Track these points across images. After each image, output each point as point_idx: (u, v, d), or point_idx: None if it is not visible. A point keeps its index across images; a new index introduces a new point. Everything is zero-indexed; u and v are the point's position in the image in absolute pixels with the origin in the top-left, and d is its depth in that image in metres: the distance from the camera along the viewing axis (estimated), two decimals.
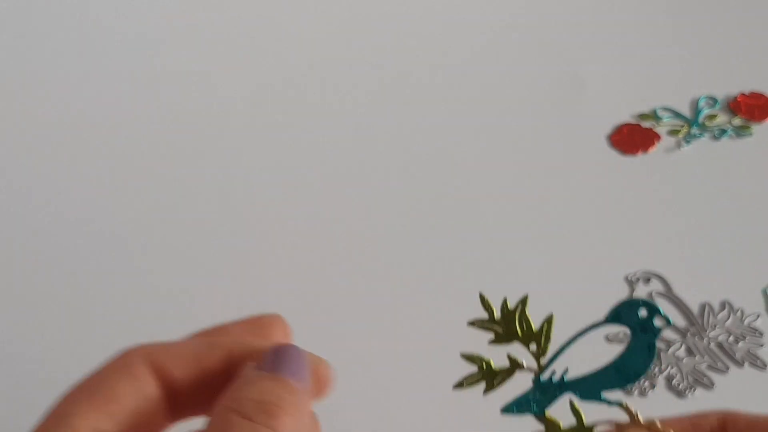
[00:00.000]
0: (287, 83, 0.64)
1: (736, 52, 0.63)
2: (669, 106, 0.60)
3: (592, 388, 0.34)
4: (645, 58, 0.63)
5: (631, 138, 0.59)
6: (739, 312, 0.50)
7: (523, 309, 0.35)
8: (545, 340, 0.34)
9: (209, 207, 0.58)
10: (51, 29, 0.70)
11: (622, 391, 0.34)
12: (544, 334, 0.34)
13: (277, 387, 0.27)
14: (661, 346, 0.49)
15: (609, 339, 0.50)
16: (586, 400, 0.34)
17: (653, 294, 0.51)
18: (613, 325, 0.36)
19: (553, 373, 0.34)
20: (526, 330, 0.35)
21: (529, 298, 0.35)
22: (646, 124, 0.59)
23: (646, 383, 0.48)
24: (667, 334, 0.50)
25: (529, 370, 0.34)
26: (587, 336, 0.37)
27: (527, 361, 0.34)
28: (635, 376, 0.34)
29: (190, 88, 0.65)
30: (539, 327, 0.35)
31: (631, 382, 0.34)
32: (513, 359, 0.34)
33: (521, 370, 0.33)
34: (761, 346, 0.49)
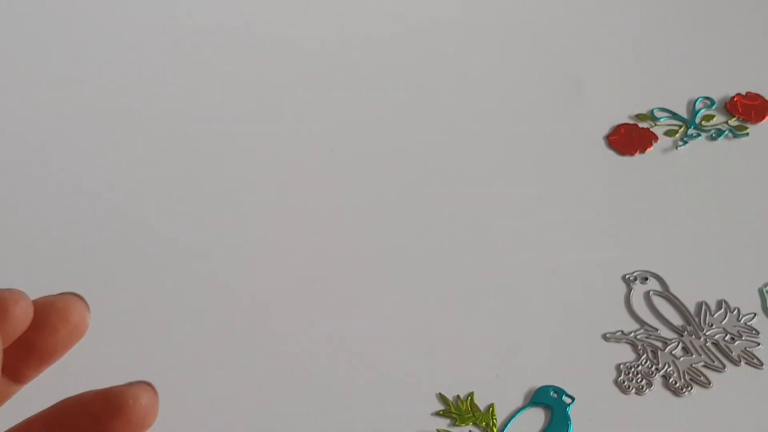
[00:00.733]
0: (288, 82, 0.65)
1: (732, 53, 0.63)
2: (666, 106, 0.60)
3: None
4: (642, 59, 0.64)
5: (629, 138, 0.59)
6: (735, 311, 0.51)
7: (472, 400, 0.48)
8: (492, 421, 0.48)
9: (208, 207, 0.58)
10: (50, 28, 0.70)
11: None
12: (491, 416, 0.48)
13: None
14: (658, 344, 0.49)
15: (606, 338, 0.50)
16: None
17: (651, 293, 0.51)
18: (536, 407, 0.48)
19: None
20: (476, 415, 0.48)
21: (474, 393, 0.48)
22: (644, 125, 0.60)
23: (643, 382, 0.48)
24: (664, 332, 0.50)
25: None
26: (586, 337, 0.47)
27: None
28: None
29: (189, 87, 0.65)
30: (486, 410, 0.48)
31: None
32: None
33: None
34: (758, 344, 0.49)
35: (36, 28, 0.70)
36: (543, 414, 0.48)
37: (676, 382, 0.48)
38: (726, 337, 0.49)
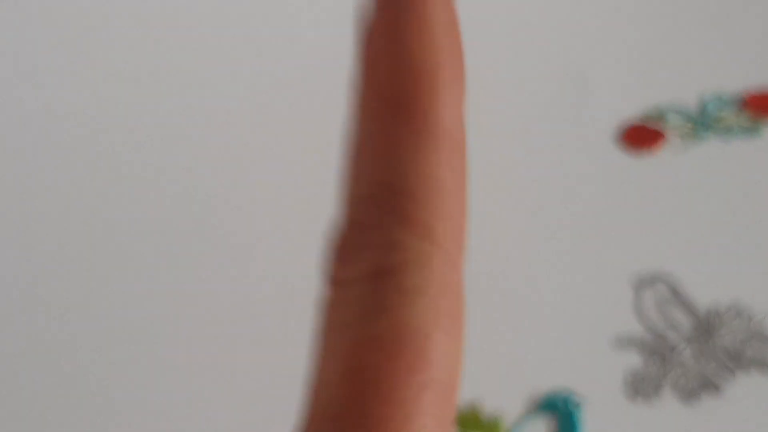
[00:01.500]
0: (289, 81, 0.64)
1: (745, 50, 0.63)
2: (676, 105, 0.60)
3: None
4: (652, 56, 0.63)
5: (638, 138, 0.58)
6: (746, 315, 0.50)
7: (476, 408, 0.47)
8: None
9: (207, 207, 0.58)
10: (49, 28, 0.70)
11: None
12: (495, 427, 0.46)
13: None
14: (668, 350, 0.49)
15: (614, 343, 0.50)
16: None
17: (660, 297, 0.51)
18: (543, 414, 0.47)
19: None
20: (480, 427, 0.47)
21: (479, 400, 0.47)
22: (653, 124, 0.59)
23: (652, 388, 0.48)
24: (674, 337, 0.49)
25: None
26: (593, 342, 0.48)
27: None
28: None
29: (187, 86, 0.65)
30: (491, 419, 0.47)
31: None
32: None
33: None
34: None
35: (32, 27, 0.70)
36: (550, 421, 0.48)
37: (685, 388, 0.48)
38: (737, 343, 0.49)
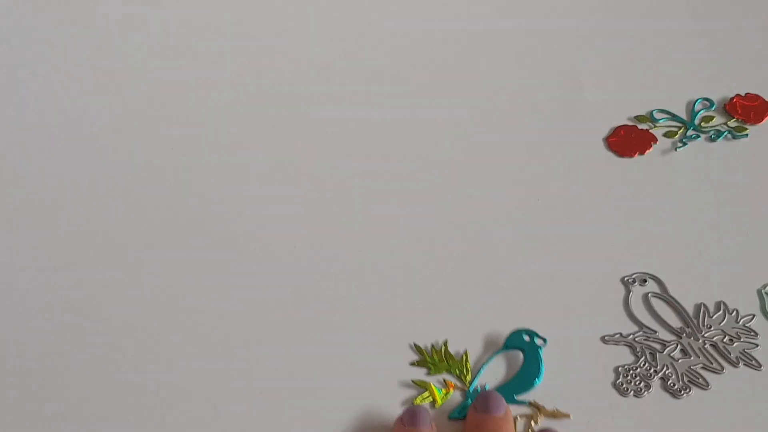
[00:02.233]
0: (289, 82, 0.65)
1: (731, 54, 0.63)
2: (665, 108, 0.60)
3: (507, 393, 0.48)
4: (641, 60, 0.64)
5: (628, 140, 0.59)
6: (734, 312, 0.51)
7: (446, 349, 0.50)
8: (466, 368, 0.50)
9: (207, 206, 0.58)
10: (49, 28, 0.70)
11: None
12: (464, 364, 0.50)
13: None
14: (657, 346, 0.50)
15: (605, 340, 0.50)
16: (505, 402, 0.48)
17: (649, 295, 0.51)
18: (509, 350, 0.50)
19: (477, 387, 0.49)
20: (450, 362, 0.50)
21: (448, 340, 0.50)
22: (643, 126, 0.60)
23: (642, 384, 0.48)
24: (663, 334, 0.50)
25: (461, 388, 0.49)
26: (585, 339, 0.49)
27: (458, 382, 0.49)
28: (534, 380, 0.49)
29: (189, 86, 0.65)
30: (460, 358, 0.50)
31: (532, 385, 0.49)
32: (448, 382, 0.49)
33: (456, 388, 0.49)
34: (756, 346, 0.49)
35: (33, 27, 0.70)
36: (516, 357, 0.50)
37: (674, 384, 0.48)
38: (724, 339, 0.50)
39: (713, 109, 0.60)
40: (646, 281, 0.52)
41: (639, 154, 0.58)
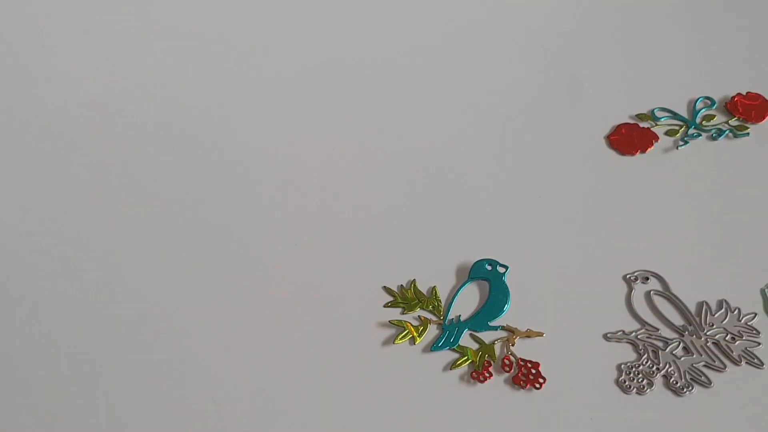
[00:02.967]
0: (290, 83, 0.65)
1: (733, 53, 0.63)
2: (666, 106, 0.60)
3: (480, 321, 0.51)
4: (643, 59, 0.64)
5: (629, 138, 0.59)
6: (736, 311, 0.51)
7: (414, 287, 0.52)
8: (437, 302, 0.52)
9: (208, 206, 0.58)
10: (48, 28, 0.70)
11: None
12: (435, 298, 0.52)
13: None
14: (659, 344, 0.50)
15: (607, 338, 0.50)
16: (480, 330, 0.51)
17: (651, 293, 0.51)
18: (476, 281, 0.53)
19: (452, 319, 0.51)
20: (421, 300, 0.52)
21: (416, 279, 0.53)
22: (644, 125, 0.60)
23: (644, 382, 0.48)
24: (665, 332, 0.50)
25: (436, 322, 0.51)
26: (587, 337, 0.49)
27: (432, 317, 0.52)
28: (504, 305, 0.51)
29: (190, 86, 0.65)
30: (429, 294, 0.52)
31: (502, 311, 0.51)
32: (423, 318, 0.51)
33: (431, 323, 0.51)
34: (758, 344, 0.49)
35: (36, 27, 0.70)
36: (482, 287, 0.52)
37: (677, 382, 0.48)
38: (727, 337, 0.50)
39: (714, 107, 0.60)
40: (648, 279, 0.52)
41: (640, 153, 0.58)
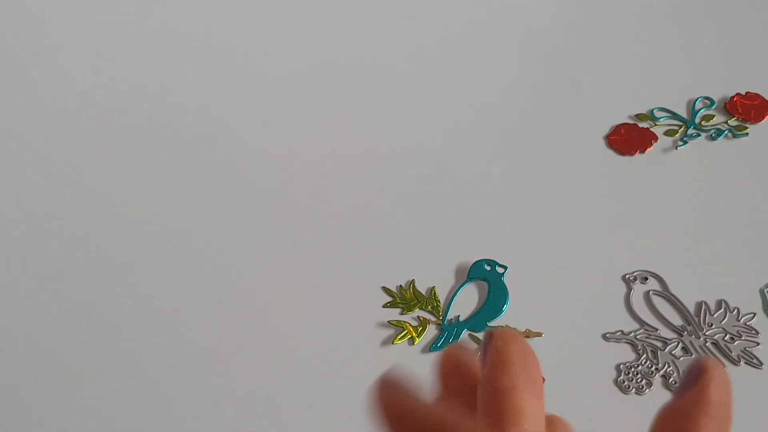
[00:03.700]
0: (290, 83, 0.65)
1: (732, 53, 0.63)
2: (666, 106, 0.61)
3: (479, 322, 0.51)
4: (642, 59, 0.64)
5: (629, 138, 0.59)
6: (735, 311, 0.51)
7: (413, 287, 0.52)
8: (436, 302, 0.52)
9: (209, 205, 0.58)
10: (49, 28, 0.70)
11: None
12: (434, 299, 0.52)
13: None
14: (658, 344, 0.50)
15: (606, 338, 0.50)
16: (479, 330, 0.51)
17: (650, 293, 0.51)
18: (475, 281, 0.53)
19: (451, 320, 0.51)
20: (420, 300, 0.52)
21: (415, 279, 0.53)
22: (644, 125, 0.60)
23: (643, 382, 0.48)
24: (664, 332, 0.50)
25: (435, 323, 0.51)
26: (586, 337, 0.47)
27: (431, 317, 0.52)
28: (503, 306, 0.51)
29: (191, 86, 0.65)
30: (429, 294, 0.52)
31: (501, 311, 0.51)
32: (422, 319, 0.51)
33: (430, 323, 0.51)
34: (757, 344, 0.49)
35: (36, 27, 0.70)
36: (481, 287, 0.52)
37: (676, 382, 0.48)
38: (726, 337, 0.50)
39: (714, 107, 0.60)
40: (647, 279, 0.52)
41: (640, 153, 0.58)
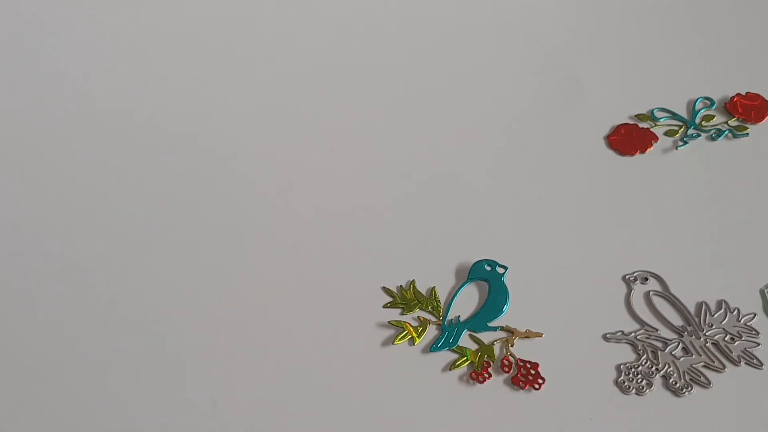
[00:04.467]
0: (290, 84, 0.65)
1: (732, 54, 0.63)
2: (666, 106, 0.60)
3: (479, 322, 0.51)
4: (642, 59, 0.64)
5: (629, 138, 0.59)
6: (735, 311, 0.51)
7: (414, 287, 0.52)
8: (436, 303, 0.52)
9: (209, 206, 0.58)
10: (49, 28, 0.70)
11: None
12: (434, 299, 0.52)
13: None
14: (658, 345, 0.50)
15: (607, 338, 0.50)
16: (479, 331, 0.51)
17: (651, 294, 0.51)
18: (475, 282, 0.53)
19: (451, 320, 0.51)
20: (420, 300, 0.52)
21: (415, 280, 0.53)
22: (644, 125, 0.60)
23: (644, 382, 0.48)
24: (664, 332, 0.50)
25: (435, 323, 0.51)
26: (587, 337, 0.48)
27: (431, 317, 0.51)
28: (503, 306, 0.51)
29: (191, 87, 0.65)
30: (429, 295, 0.52)
31: (501, 311, 0.51)
32: (423, 319, 0.51)
33: (430, 324, 0.51)
34: (758, 345, 0.49)
35: (36, 27, 0.70)
36: (482, 288, 0.52)
37: (676, 383, 0.48)
38: (726, 338, 0.50)
39: (714, 108, 0.60)
40: (647, 279, 0.52)
41: (640, 153, 0.58)
